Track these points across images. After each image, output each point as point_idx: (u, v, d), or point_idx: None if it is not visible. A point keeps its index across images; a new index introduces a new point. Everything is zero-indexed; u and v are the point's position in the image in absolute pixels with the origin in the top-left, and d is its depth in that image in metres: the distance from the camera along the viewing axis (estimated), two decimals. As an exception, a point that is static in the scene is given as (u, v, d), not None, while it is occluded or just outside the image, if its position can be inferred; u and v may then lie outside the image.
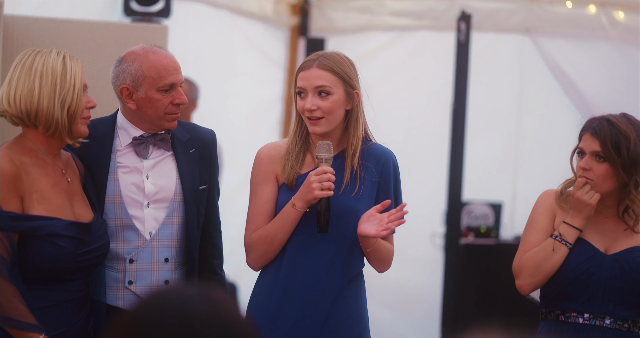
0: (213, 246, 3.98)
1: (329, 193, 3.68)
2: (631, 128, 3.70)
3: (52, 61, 3.57)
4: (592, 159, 3.69)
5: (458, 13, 7.20)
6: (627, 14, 7.76)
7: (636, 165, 3.66)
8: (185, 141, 3.89)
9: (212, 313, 1.94)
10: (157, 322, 1.93)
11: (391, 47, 8.01)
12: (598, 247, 3.75)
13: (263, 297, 3.84)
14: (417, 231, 7.16)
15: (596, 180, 3.68)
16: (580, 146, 3.75)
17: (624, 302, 3.67)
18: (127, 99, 3.77)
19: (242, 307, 3.71)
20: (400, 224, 3.72)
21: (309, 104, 3.75)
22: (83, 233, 3.58)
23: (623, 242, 3.72)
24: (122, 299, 3.79)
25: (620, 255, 3.71)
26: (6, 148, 3.57)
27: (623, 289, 3.67)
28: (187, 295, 1.96)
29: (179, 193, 3.82)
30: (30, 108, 3.52)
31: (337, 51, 3.90)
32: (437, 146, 7.67)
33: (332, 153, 3.73)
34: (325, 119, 3.76)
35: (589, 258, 3.73)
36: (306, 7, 8.01)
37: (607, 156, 3.66)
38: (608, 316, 3.67)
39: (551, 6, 7.81)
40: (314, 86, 3.76)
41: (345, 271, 3.81)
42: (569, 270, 3.73)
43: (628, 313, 3.68)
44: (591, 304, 3.70)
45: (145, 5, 6.19)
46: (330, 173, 3.69)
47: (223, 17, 7.52)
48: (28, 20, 5.41)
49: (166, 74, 3.76)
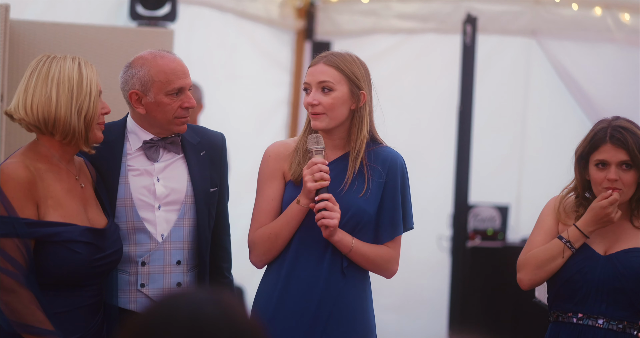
0: (222, 249, 3.98)
1: (323, 183, 3.68)
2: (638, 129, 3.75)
3: (68, 68, 3.55)
4: (619, 169, 3.71)
5: (464, 16, 7.20)
6: (632, 16, 7.75)
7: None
8: (196, 143, 3.89)
9: (222, 317, 1.94)
10: (167, 325, 1.93)
11: (397, 50, 8.01)
12: (597, 249, 3.76)
13: (265, 295, 3.84)
14: (424, 234, 7.15)
15: (625, 189, 3.71)
16: (602, 158, 3.75)
17: (618, 303, 3.67)
18: (136, 104, 3.78)
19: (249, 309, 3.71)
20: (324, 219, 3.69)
21: (310, 98, 3.76)
22: (98, 238, 3.58)
23: (623, 243, 3.73)
24: (134, 302, 3.79)
25: (615, 255, 3.72)
26: (21, 154, 3.57)
27: (616, 289, 3.67)
28: (197, 298, 1.97)
29: (190, 195, 3.83)
30: (48, 117, 3.52)
31: (350, 52, 3.89)
32: (443, 149, 7.67)
33: (322, 145, 3.73)
34: (326, 115, 3.76)
35: (583, 258, 3.74)
36: (312, 10, 8.01)
37: (635, 163, 3.70)
38: (601, 316, 3.68)
39: (557, 8, 7.80)
40: (317, 80, 3.76)
41: (348, 271, 3.80)
42: (563, 270, 3.76)
43: (623, 313, 3.68)
44: (584, 304, 3.71)
45: (151, 10, 6.20)
46: (320, 164, 3.69)
47: (229, 21, 7.53)
48: (34, 24, 5.42)
49: (175, 78, 3.76)
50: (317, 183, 3.68)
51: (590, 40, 7.81)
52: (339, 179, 3.79)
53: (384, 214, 3.82)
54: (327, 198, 3.68)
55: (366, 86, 3.81)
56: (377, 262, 3.83)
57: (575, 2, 7.76)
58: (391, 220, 3.83)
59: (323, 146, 3.74)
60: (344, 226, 3.76)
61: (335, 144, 3.84)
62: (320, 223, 3.68)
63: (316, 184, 3.68)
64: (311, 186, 3.68)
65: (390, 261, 3.87)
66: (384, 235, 3.84)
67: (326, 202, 3.67)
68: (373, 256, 3.81)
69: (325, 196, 3.68)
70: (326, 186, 3.69)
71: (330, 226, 3.68)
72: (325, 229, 3.70)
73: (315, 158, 3.71)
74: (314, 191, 3.68)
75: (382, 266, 3.86)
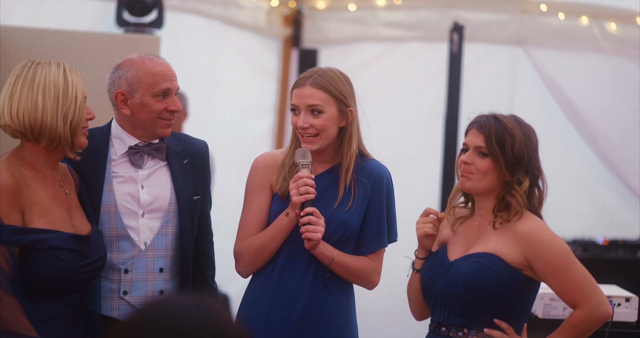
0: (205, 257, 3.98)
1: (307, 196, 3.70)
2: (518, 126, 3.61)
3: (53, 74, 3.55)
4: (474, 154, 3.60)
5: (451, 24, 7.22)
6: (619, 25, 7.78)
7: (520, 163, 3.57)
8: (179, 151, 3.90)
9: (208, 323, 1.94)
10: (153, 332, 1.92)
11: (384, 58, 8.02)
12: (454, 253, 3.64)
13: (253, 305, 3.86)
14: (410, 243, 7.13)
15: (477, 174, 3.59)
16: (464, 141, 3.66)
17: (457, 309, 3.55)
18: (121, 105, 3.78)
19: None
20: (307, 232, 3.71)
21: (301, 122, 3.79)
22: (82, 245, 3.57)
23: (476, 247, 3.60)
24: (117, 309, 3.78)
25: (456, 261, 3.60)
26: (5, 160, 3.55)
27: (453, 296, 3.55)
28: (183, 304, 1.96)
29: (173, 203, 3.83)
30: (34, 123, 3.51)
31: (333, 67, 3.91)
32: (429, 156, 7.67)
33: (308, 159, 3.76)
34: (319, 137, 3.80)
35: (434, 265, 3.67)
36: (299, 18, 8.01)
37: (490, 152, 3.57)
38: (444, 323, 3.59)
39: (543, 18, 7.82)
40: (306, 104, 3.80)
41: (331, 283, 3.83)
42: (421, 278, 3.71)
43: (462, 320, 3.55)
44: (435, 312, 3.64)
45: (137, 16, 6.18)
46: (306, 178, 3.72)
47: (215, 28, 7.52)
48: (21, 30, 5.41)
49: (161, 80, 3.78)
50: (302, 196, 3.71)
51: (577, 50, 7.84)
52: (326, 192, 3.84)
53: (369, 226, 3.85)
54: (311, 211, 3.71)
55: (352, 101, 3.85)
56: (359, 274, 3.86)
57: (561, 12, 7.78)
58: (377, 232, 3.87)
59: (310, 160, 3.78)
60: (328, 239, 3.79)
61: (323, 159, 3.88)
62: (304, 236, 3.72)
63: (301, 198, 3.71)
64: (296, 200, 3.71)
65: (372, 273, 3.89)
66: (368, 246, 3.87)
67: (310, 217, 3.70)
68: (354, 267, 3.83)
69: (309, 210, 3.71)
70: (311, 199, 3.72)
71: (314, 239, 3.71)
72: (307, 241, 3.72)
73: (302, 172, 3.75)
74: (299, 204, 3.71)
75: (364, 278, 3.88)
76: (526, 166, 3.60)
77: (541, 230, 3.54)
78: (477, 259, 3.55)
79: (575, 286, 3.51)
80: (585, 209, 7.89)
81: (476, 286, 3.52)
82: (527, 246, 3.52)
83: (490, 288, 3.51)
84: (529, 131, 3.65)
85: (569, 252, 3.54)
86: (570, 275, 3.51)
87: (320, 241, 3.74)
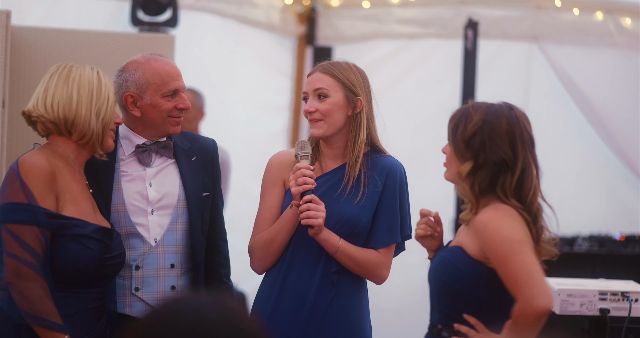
0: (219, 254, 4.00)
1: (305, 187, 3.71)
2: (481, 111, 3.50)
3: (87, 73, 3.66)
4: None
5: (465, 21, 7.21)
6: (634, 20, 7.76)
7: (468, 147, 3.39)
8: (187, 149, 3.93)
9: (225, 321, 1.94)
10: (170, 330, 1.92)
11: (398, 55, 8.01)
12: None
13: (262, 301, 3.88)
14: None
15: (447, 163, 3.48)
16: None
17: (433, 305, 3.45)
18: (131, 107, 3.81)
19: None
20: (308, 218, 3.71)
21: (307, 105, 3.82)
22: (107, 238, 3.63)
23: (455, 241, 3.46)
24: (129, 306, 3.81)
25: (434, 256, 3.52)
26: (39, 150, 3.63)
27: (429, 291, 3.45)
28: (200, 303, 1.96)
29: (182, 199, 3.85)
30: (69, 114, 3.60)
31: (348, 60, 3.93)
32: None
33: (307, 150, 3.78)
34: (323, 122, 3.80)
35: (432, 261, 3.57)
36: (313, 15, 8.01)
37: (449, 138, 3.45)
38: (431, 320, 3.49)
39: (558, 13, 7.80)
40: (313, 88, 3.83)
41: (341, 279, 3.83)
42: None
43: (437, 316, 3.44)
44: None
45: (152, 15, 6.19)
46: (304, 168, 3.73)
47: (230, 27, 7.53)
48: (36, 30, 5.42)
49: (170, 80, 3.82)
50: (300, 187, 3.72)
51: (592, 45, 7.82)
52: (337, 187, 3.83)
53: (380, 221, 3.84)
54: (310, 199, 3.71)
55: (363, 92, 3.84)
56: (365, 265, 3.84)
57: (576, 7, 7.76)
58: (388, 226, 3.85)
59: (309, 151, 3.79)
60: (338, 233, 3.79)
61: (335, 153, 3.88)
62: (305, 222, 3.72)
63: (299, 188, 3.72)
64: (294, 190, 3.73)
65: (379, 266, 3.87)
66: (379, 240, 3.85)
67: (309, 204, 3.71)
68: (360, 258, 3.82)
69: (308, 197, 3.71)
70: (310, 189, 3.72)
71: (315, 225, 3.71)
72: (310, 228, 3.73)
73: (300, 163, 3.77)
74: (298, 195, 3.72)
75: (370, 270, 3.86)
76: (476, 151, 3.40)
77: (492, 219, 3.32)
78: (443, 253, 3.46)
79: (513, 279, 3.26)
80: (602, 205, 7.86)
81: (438, 281, 3.42)
82: (479, 237, 3.33)
83: (449, 281, 3.38)
84: (496, 116, 3.51)
85: (516, 243, 3.28)
86: (510, 266, 3.26)
87: (322, 227, 3.73)
